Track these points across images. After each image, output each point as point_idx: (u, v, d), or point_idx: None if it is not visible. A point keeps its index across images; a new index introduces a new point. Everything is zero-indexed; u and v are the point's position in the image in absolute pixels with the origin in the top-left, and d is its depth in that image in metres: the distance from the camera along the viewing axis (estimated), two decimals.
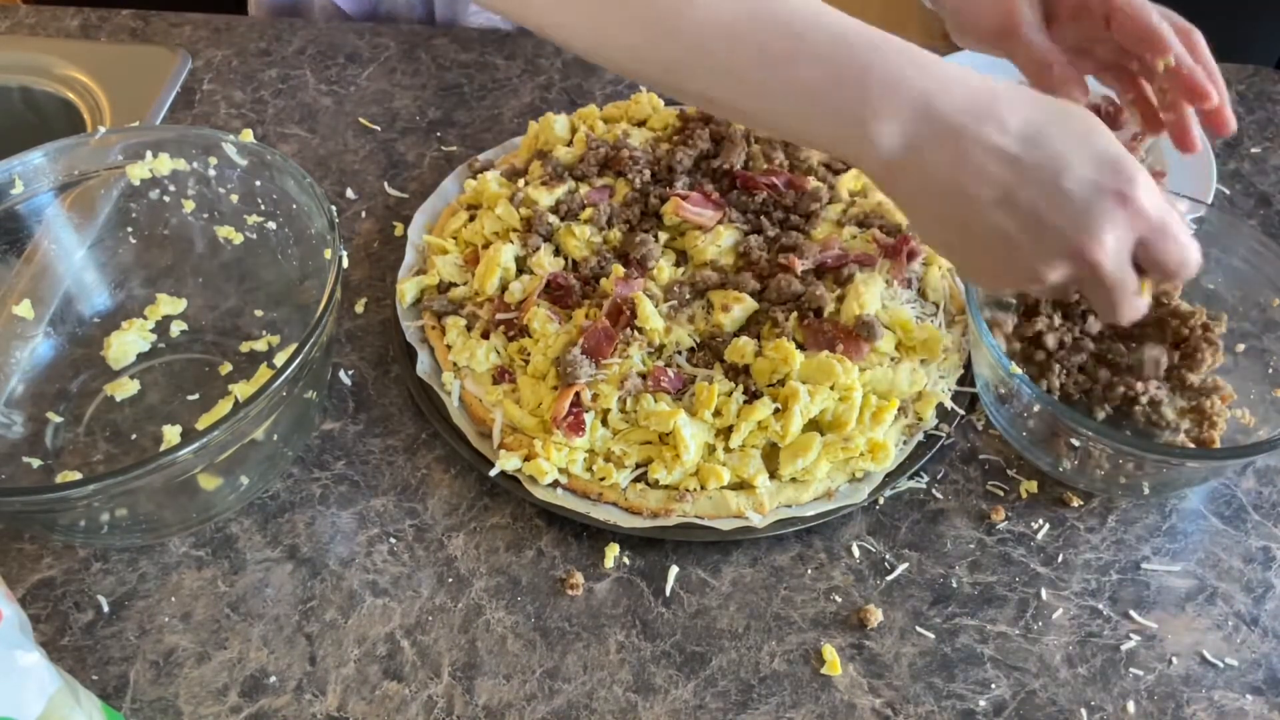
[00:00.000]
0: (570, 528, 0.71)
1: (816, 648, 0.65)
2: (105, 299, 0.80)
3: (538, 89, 1.01)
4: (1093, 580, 0.68)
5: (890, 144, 0.55)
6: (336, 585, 0.68)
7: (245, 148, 0.74)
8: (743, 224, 0.81)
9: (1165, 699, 0.64)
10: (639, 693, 0.63)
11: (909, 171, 0.55)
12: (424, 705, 0.63)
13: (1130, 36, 0.70)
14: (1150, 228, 0.55)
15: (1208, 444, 0.72)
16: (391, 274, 0.83)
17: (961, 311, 0.80)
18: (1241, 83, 1.03)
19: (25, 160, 0.73)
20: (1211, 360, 0.74)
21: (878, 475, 0.71)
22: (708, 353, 0.74)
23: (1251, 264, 0.76)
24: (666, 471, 0.69)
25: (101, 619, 0.67)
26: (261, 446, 0.66)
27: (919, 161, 0.55)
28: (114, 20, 1.08)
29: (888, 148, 0.55)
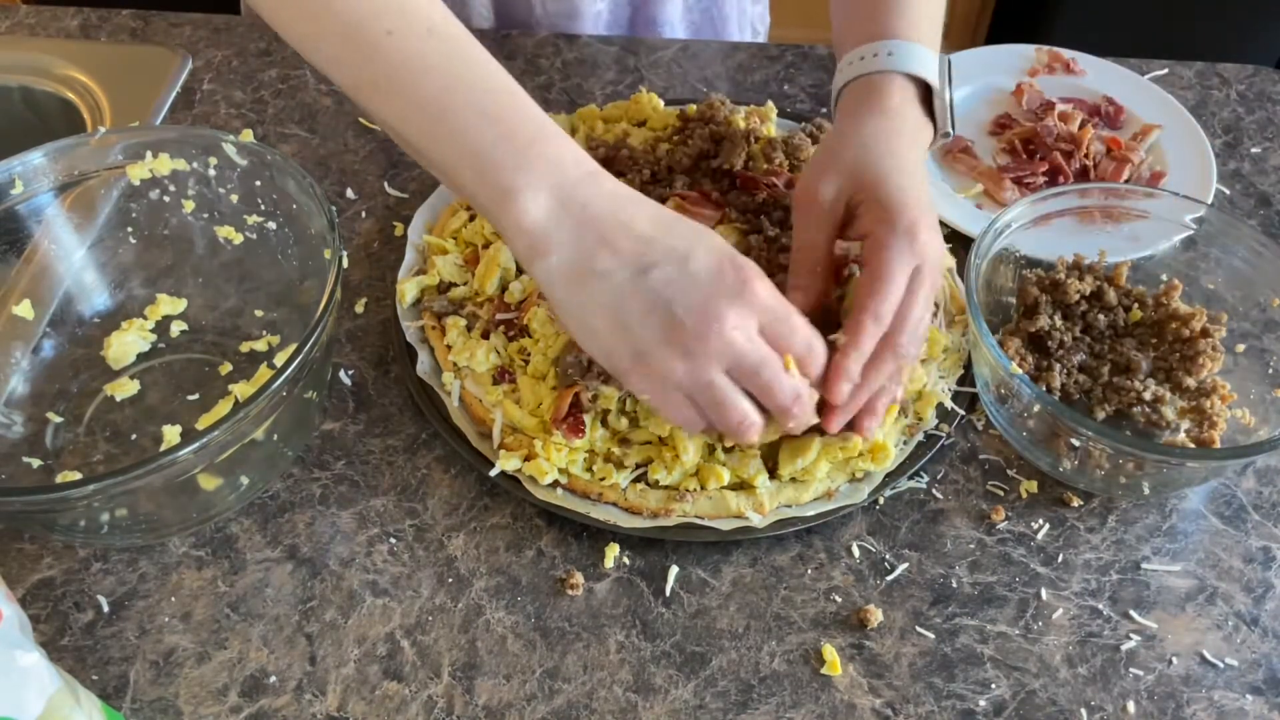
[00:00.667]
0: (570, 528, 0.71)
1: (816, 648, 0.65)
2: (105, 299, 0.80)
3: (538, 89, 1.01)
4: (1093, 580, 0.68)
5: (536, 213, 0.58)
6: (336, 585, 0.68)
7: (245, 148, 0.74)
8: (742, 224, 0.81)
9: (1165, 699, 0.64)
10: (639, 693, 0.64)
11: (549, 242, 0.58)
12: (424, 705, 0.63)
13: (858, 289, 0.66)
14: (769, 311, 0.59)
15: (1208, 444, 0.72)
16: (391, 274, 0.83)
17: (961, 311, 0.80)
18: (1241, 83, 1.03)
19: (25, 160, 0.73)
20: (1211, 364, 0.74)
21: (878, 475, 0.71)
22: None
23: (1251, 264, 0.76)
24: (666, 472, 0.69)
25: (101, 619, 0.67)
26: (261, 446, 0.66)
27: (560, 233, 0.58)
28: (114, 20, 1.08)
29: (533, 216, 0.58)
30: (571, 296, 0.60)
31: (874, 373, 0.64)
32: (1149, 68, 1.04)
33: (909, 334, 0.64)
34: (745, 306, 0.58)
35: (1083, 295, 0.78)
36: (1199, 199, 0.81)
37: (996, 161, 0.95)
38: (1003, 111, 0.99)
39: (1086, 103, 0.99)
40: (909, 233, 0.64)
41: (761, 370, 0.60)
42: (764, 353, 0.60)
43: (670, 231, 0.59)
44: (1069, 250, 0.81)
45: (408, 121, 0.60)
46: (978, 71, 1.01)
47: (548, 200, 0.58)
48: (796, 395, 0.61)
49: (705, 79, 1.02)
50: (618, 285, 0.58)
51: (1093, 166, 0.93)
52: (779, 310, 0.60)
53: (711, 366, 0.59)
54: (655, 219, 0.60)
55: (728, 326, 0.58)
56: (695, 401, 0.61)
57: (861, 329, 0.63)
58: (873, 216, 0.66)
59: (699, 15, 1.12)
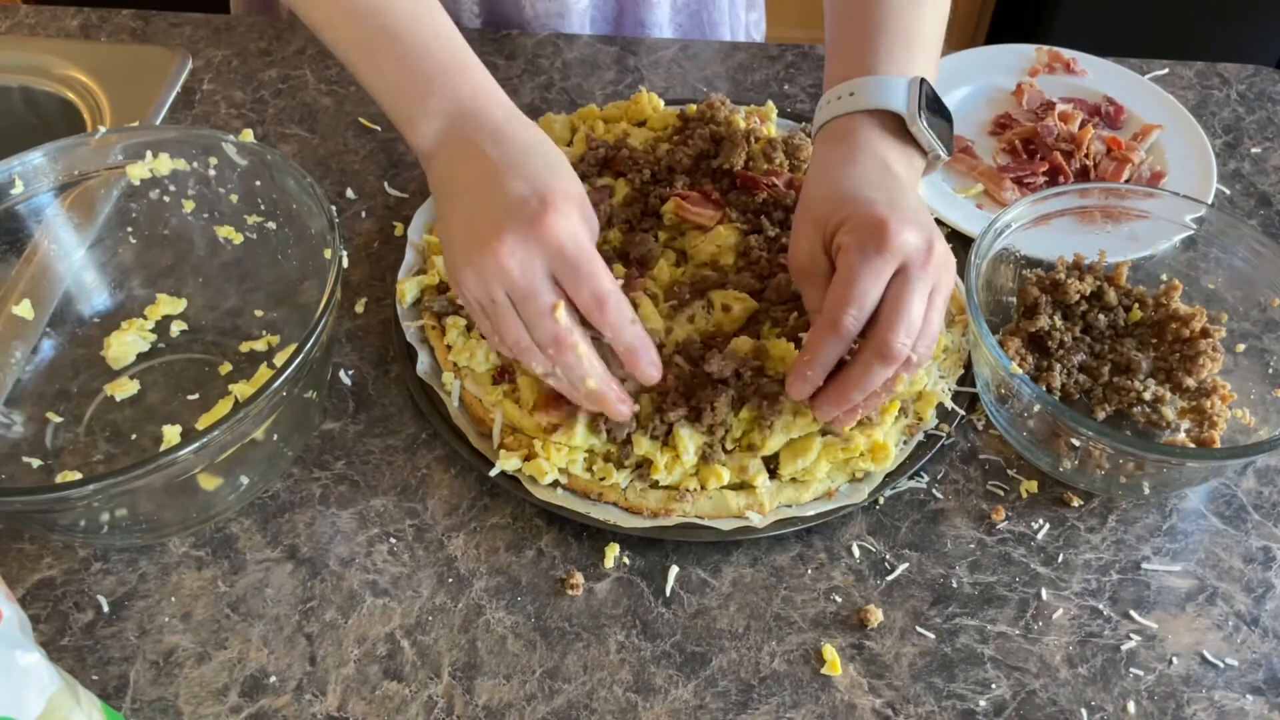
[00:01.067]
0: (570, 528, 0.71)
1: (817, 648, 0.65)
2: (105, 299, 0.80)
3: (538, 89, 1.01)
4: (1093, 580, 0.68)
5: (427, 139, 0.68)
6: (336, 585, 0.68)
7: (245, 148, 0.74)
8: (742, 224, 0.81)
9: (1165, 699, 0.64)
10: (639, 693, 0.63)
11: (435, 161, 0.68)
12: (424, 705, 0.63)
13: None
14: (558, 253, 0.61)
15: (1208, 444, 0.72)
16: (391, 274, 0.83)
17: (961, 311, 0.80)
18: (1241, 83, 1.03)
19: (25, 160, 0.73)
20: (1211, 364, 0.74)
21: (878, 475, 0.71)
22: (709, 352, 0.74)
23: (1251, 264, 0.76)
24: (666, 472, 0.69)
25: (101, 619, 0.67)
26: (261, 446, 0.66)
27: (442, 156, 0.67)
28: (114, 20, 1.08)
29: (426, 140, 0.68)
30: (439, 208, 0.67)
31: (861, 383, 0.63)
32: (1149, 68, 1.04)
33: (900, 336, 0.61)
34: (530, 239, 0.61)
35: (1083, 295, 0.78)
36: (1199, 199, 0.81)
37: (996, 161, 0.95)
38: (1003, 111, 0.99)
39: (1086, 103, 0.99)
40: (875, 234, 0.62)
41: (528, 302, 0.62)
42: (535, 287, 0.62)
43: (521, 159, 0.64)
44: (1069, 250, 0.81)
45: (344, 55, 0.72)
46: (978, 71, 1.01)
47: (438, 125, 0.68)
48: (555, 339, 0.63)
49: (705, 79, 1.02)
50: (458, 200, 0.65)
51: (1093, 166, 0.93)
52: (571, 255, 0.61)
53: (491, 284, 0.62)
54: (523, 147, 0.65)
55: (504, 251, 0.61)
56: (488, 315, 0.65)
57: (815, 333, 0.63)
58: (847, 237, 0.64)
59: (687, 19, 1.12)
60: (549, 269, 0.62)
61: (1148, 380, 0.75)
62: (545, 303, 0.62)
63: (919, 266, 0.62)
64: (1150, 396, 0.74)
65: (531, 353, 0.64)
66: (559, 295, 0.62)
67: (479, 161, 0.65)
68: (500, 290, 0.62)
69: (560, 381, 0.66)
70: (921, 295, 0.62)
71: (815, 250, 0.66)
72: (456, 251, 0.64)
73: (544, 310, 0.62)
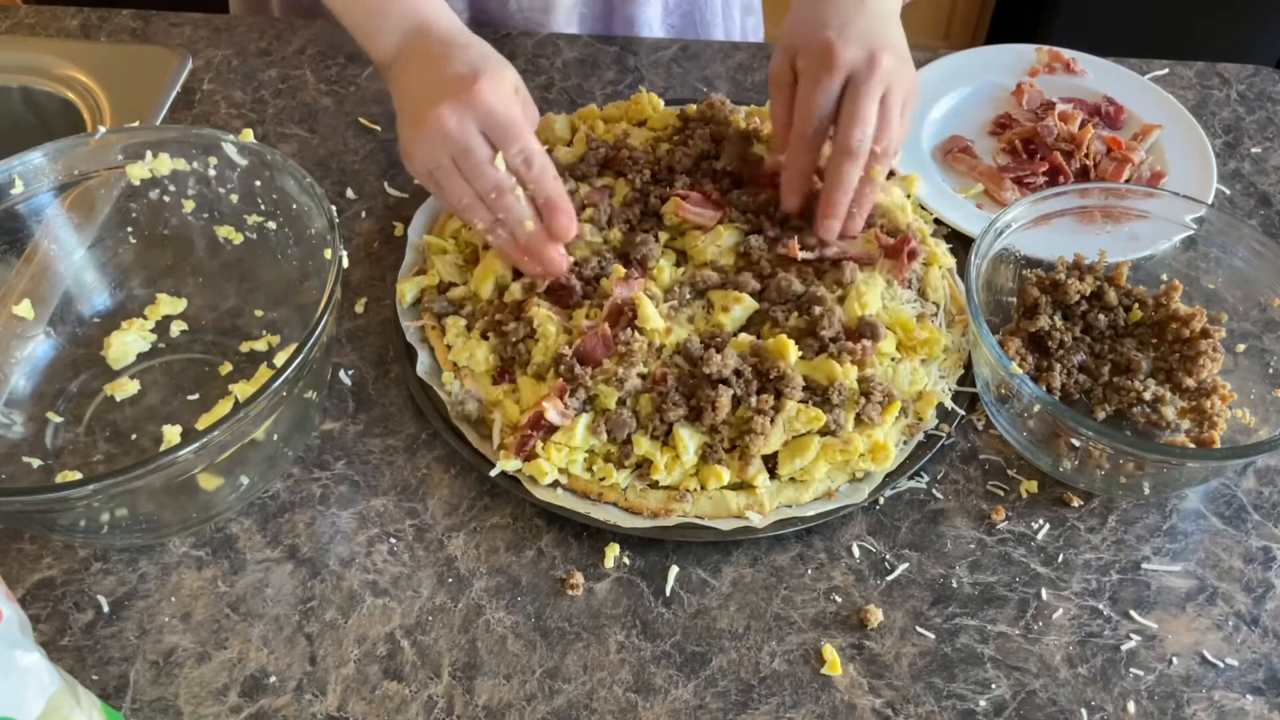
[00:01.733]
0: (570, 528, 0.71)
1: (817, 648, 0.65)
2: (105, 299, 0.80)
3: (538, 89, 1.01)
4: (1093, 580, 0.68)
5: (385, 50, 0.78)
6: (336, 585, 0.68)
7: (245, 148, 0.74)
8: (743, 224, 0.81)
9: (1165, 699, 0.64)
10: (639, 693, 0.63)
11: (392, 68, 0.78)
12: (424, 705, 0.63)
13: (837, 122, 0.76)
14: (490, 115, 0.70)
15: (1208, 444, 0.72)
16: (391, 274, 0.83)
17: (961, 311, 0.80)
18: (1241, 82, 1.03)
19: (25, 160, 0.73)
20: (1211, 365, 0.74)
21: (878, 475, 0.71)
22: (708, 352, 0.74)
23: (1251, 264, 0.76)
24: (666, 472, 0.69)
25: (101, 619, 0.66)
26: (261, 446, 0.66)
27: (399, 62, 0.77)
28: (114, 20, 1.08)
29: (385, 52, 0.78)
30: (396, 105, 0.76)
31: (836, 184, 0.74)
32: (1149, 68, 1.04)
33: (855, 134, 0.73)
34: (462, 104, 0.70)
35: (1083, 295, 0.78)
36: (1199, 199, 0.81)
37: (996, 161, 0.95)
38: (1003, 111, 0.99)
39: (1086, 103, 0.99)
40: (822, 56, 0.73)
41: (468, 156, 0.71)
42: (472, 143, 0.71)
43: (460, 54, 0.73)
44: (1069, 250, 0.81)
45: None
46: (978, 71, 1.01)
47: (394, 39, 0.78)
48: (496, 185, 0.71)
49: (705, 79, 1.02)
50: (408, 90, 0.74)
51: (1093, 166, 0.93)
52: (501, 117, 0.70)
53: (436, 149, 0.71)
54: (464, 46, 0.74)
55: (444, 115, 0.70)
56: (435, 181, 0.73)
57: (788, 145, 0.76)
58: (801, 60, 0.75)
59: (679, 19, 1.12)
60: (482, 129, 0.71)
61: (1148, 380, 0.75)
62: (483, 154, 0.71)
63: (864, 77, 0.73)
64: (1150, 396, 0.74)
65: (475, 208, 0.73)
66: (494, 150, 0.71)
67: (427, 59, 0.74)
68: (444, 153, 0.71)
69: (501, 239, 0.74)
70: (870, 99, 0.73)
71: (783, 66, 0.78)
72: (404, 129, 0.73)
73: (483, 160, 0.71)
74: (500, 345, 0.75)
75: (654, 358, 0.73)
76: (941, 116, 0.98)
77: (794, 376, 0.70)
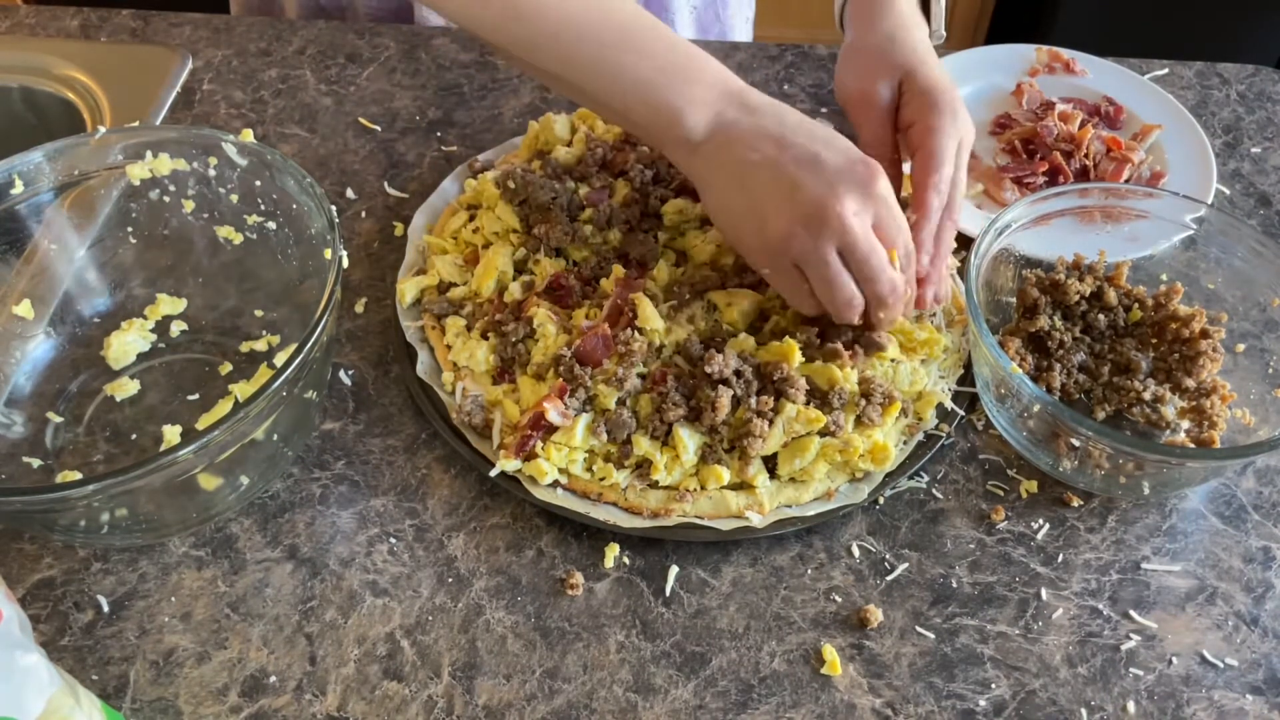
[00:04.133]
0: (570, 528, 0.71)
1: (816, 648, 0.65)
2: (105, 299, 0.80)
3: (538, 89, 1.01)
4: (1093, 580, 0.68)
5: (698, 128, 0.69)
6: (336, 585, 0.68)
7: (245, 148, 0.74)
8: None
9: (1165, 699, 0.64)
10: (639, 693, 0.64)
11: (707, 150, 0.69)
12: (424, 705, 0.63)
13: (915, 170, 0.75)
14: (888, 207, 0.67)
15: (1208, 444, 0.72)
16: (391, 274, 0.83)
17: (961, 311, 0.80)
18: (1241, 83, 1.03)
19: (25, 160, 0.73)
20: (1211, 365, 0.74)
21: (878, 475, 0.71)
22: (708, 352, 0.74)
23: (1251, 264, 0.76)
24: (666, 472, 0.69)
25: (101, 619, 0.67)
26: (261, 446, 0.66)
27: (717, 141, 0.69)
28: (114, 20, 1.08)
29: (696, 131, 0.69)
30: (715, 178, 0.69)
31: (941, 242, 0.74)
32: (1149, 68, 1.04)
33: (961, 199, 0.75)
34: (867, 197, 0.66)
35: (1082, 295, 0.78)
36: (1199, 199, 0.81)
37: (996, 161, 0.95)
38: (1003, 111, 0.99)
39: (1086, 103, 0.99)
40: (952, 112, 0.74)
41: (870, 257, 0.66)
42: (874, 242, 0.67)
43: (809, 132, 0.68)
44: (1069, 250, 0.81)
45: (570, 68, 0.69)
46: (978, 71, 1.01)
47: (708, 114, 0.69)
48: (894, 287, 0.68)
49: None
50: (755, 165, 0.67)
51: (1093, 166, 0.93)
52: (895, 208, 0.68)
53: (826, 243, 0.66)
54: (800, 122, 0.69)
55: (849, 210, 0.65)
56: (806, 276, 0.68)
57: (927, 205, 0.72)
58: (917, 104, 0.75)
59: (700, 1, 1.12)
60: (873, 223, 0.67)
61: (1148, 380, 0.75)
62: (884, 254, 0.67)
63: (969, 142, 0.75)
64: (1150, 396, 0.74)
65: (853, 301, 0.68)
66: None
67: (770, 136, 0.67)
68: (832, 248, 0.66)
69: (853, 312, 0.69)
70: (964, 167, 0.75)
71: (888, 93, 0.77)
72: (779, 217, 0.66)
73: (885, 261, 0.67)
74: (500, 345, 0.75)
75: (654, 358, 0.73)
76: None
77: (797, 379, 0.70)
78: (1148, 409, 0.74)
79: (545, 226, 0.79)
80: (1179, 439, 0.74)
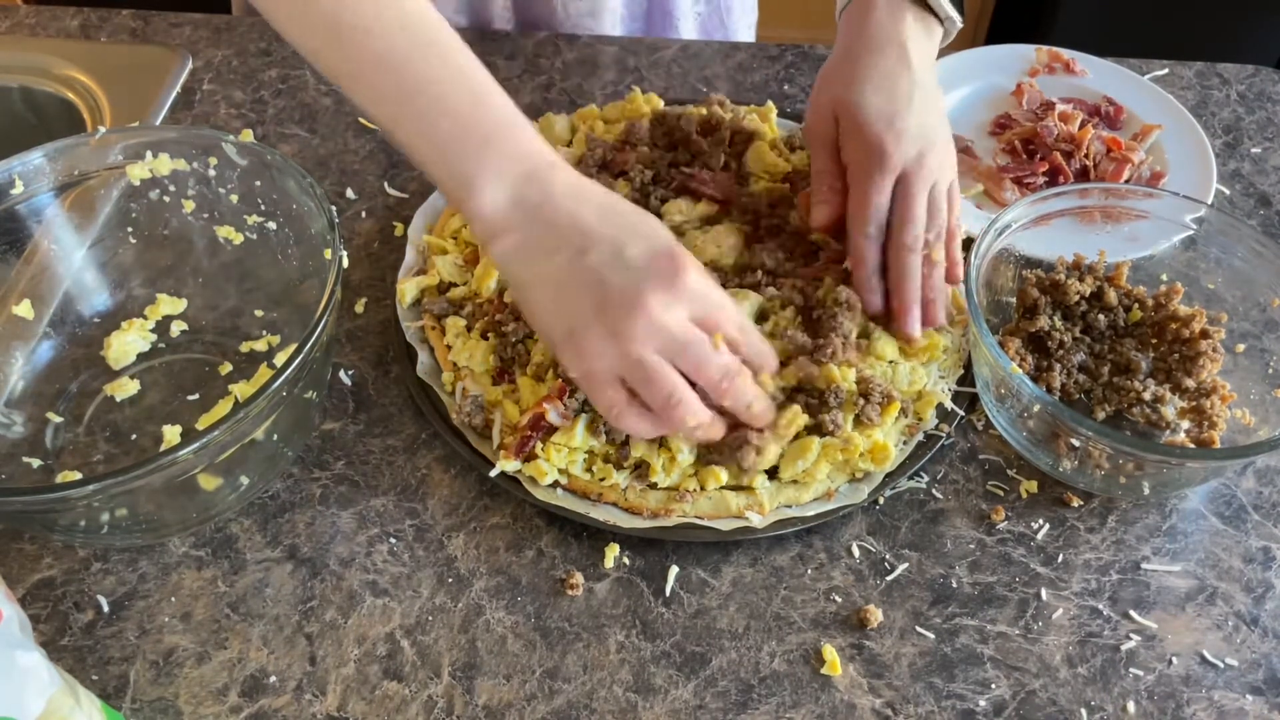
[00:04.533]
0: (570, 528, 0.71)
1: (816, 648, 0.65)
2: (105, 299, 0.80)
3: (538, 89, 1.01)
4: (1093, 580, 0.68)
5: (494, 202, 0.62)
6: (336, 585, 0.68)
7: (245, 148, 0.74)
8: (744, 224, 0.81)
9: (1165, 699, 0.64)
10: (639, 693, 0.64)
11: (505, 227, 0.63)
12: (424, 705, 0.63)
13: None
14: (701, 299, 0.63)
15: (1208, 444, 0.72)
16: (391, 274, 0.83)
17: (961, 312, 0.80)
18: (1241, 83, 1.03)
19: (25, 160, 0.73)
20: (1211, 365, 0.74)
21: (878, 475, 0.71)
22: None
23: (1251, 264, 0.76)
24: (664, 474, 0.69)
25: (101, 619, 0.67)
26: (261, 446, 0.66)
27: (513, 219, 0.63)
28: (114, 20, 1.08)
29: (490, 204, 0.62)
30: (521, 275, 0.64)
31: (902, 276, 0.73)
32: (1149, 68, 1.04)
33: (909, 233, 0.73)
34: (674, 291, 0.62)
35: (1082, 296, 0.78)
36: (1199, 199, 0.81)
37: (996, 161, 0.95)
38: (1003, 111, 0.99)
39: (1086, 103, 0.99)
40: (877, 154, 0.72)
41: (689, 349, 0.62)
42: (692, 334, 0.62)
43: (614, 221, 0.63)
44: (1069, 250, 0.81)
45: (380, 109, 0.64)
46: (978, 71, 1.01)
47: (505, 190, 0.62)
48: (726, 371, 0.64)
49: (705, 79, 1.02)
50: (559, 266, 0.62)
51: (1093, 166, 0.93)
52: (711, 298, 0.64)
53: (638, 345, 0.61)
54: (602, 208, 0.63)
55: (655, 308, 0.61)
56: (625, 382, 0.63)
57: (853, 245, 0.74)
58: (851, 144, 0.74)
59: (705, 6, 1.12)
60: (689, 315, 0.63)
61: (1147, 380, 0.75)
62: (708, 342, 0.63)
63: (915, 174, 0.73)
64: (1150, 396, 0.74)
65: (687, 403, 0.63)
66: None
67: (571, 228, 0.62)
68: (651, 350, 0.61)
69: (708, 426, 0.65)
70: (920, 196, 0.73)
71: (827, 127, 0.76)
72: (589, 323, 0.62)
73: (709, 349, 0.63)
74: (500, 345, 0.75)
75: None
76: None
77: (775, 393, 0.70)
78: (1148, 409, 0.74)
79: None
80: (1179, 439, 0.74)
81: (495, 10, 1.06)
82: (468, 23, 1.07)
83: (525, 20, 1.07)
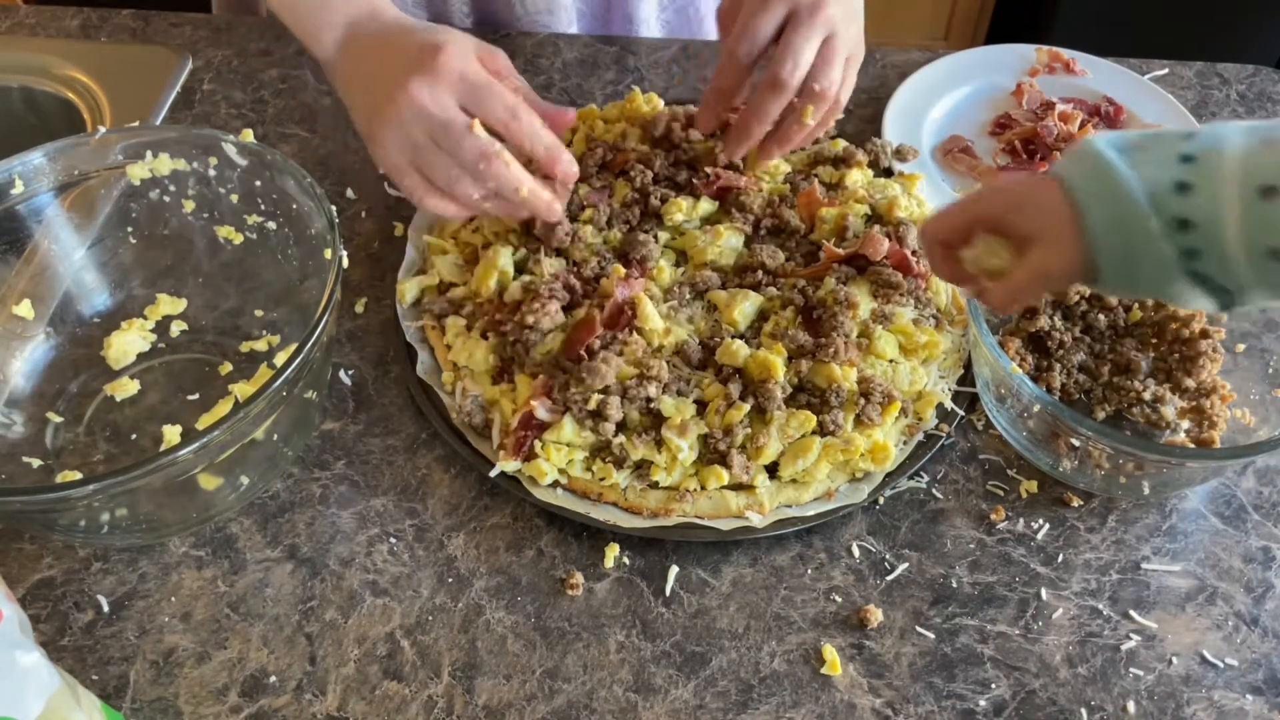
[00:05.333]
0: (570, 528, 0.71)
1: (816, 648, 0.65)
2: (105, 299, 0.80)
3: (538, 89, 1.01)
4: (1093, 580, 0.68)
5: (329, 47, 0.75)
6: (336, 585, 0.68)
7: (245, 148, 0.74)
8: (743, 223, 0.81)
9: (1165, 699, 0.64)
10: (639, 693, 0.64)
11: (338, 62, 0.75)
12: (424, 705, 0.63)
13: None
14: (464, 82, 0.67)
15: (1208, 444, 0.72)
16: (391, 274, 0.83)
17: (961, 312, 0.80)
18: (1241, 83, 1.03)
19: (25, 160, 0.73)
20: (1211, 365, 0.74)
21: (878, 475, 0.71)
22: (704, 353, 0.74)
23: None
24: (666, 473, 0.69)
25: (101, 619, 0.67)
26: (261, 446, 0.66)
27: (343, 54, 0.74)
28: (114, 20, 1.08)
29: (328, 49, 0.75)
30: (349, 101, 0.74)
31: (757, 112, 0.75)
32: (1149, 68, 1.04)
33: (786, 67, 0.72)
34: (433, 76, 0.67)
35: (1082, 295, 0.78)
36: None
37: (996, 161, 0.95)
38: (1003, 111, 0.99)
39: (1086, 103, 0.99)
40: None
41: (448, 129, 0.67)
42: (450, 115, 0.67)
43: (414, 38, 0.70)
44: None
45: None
46: (978, 71, 1.01)
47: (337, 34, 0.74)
48: (481, 153, 0.68)
49: (705, 79, 1.02)
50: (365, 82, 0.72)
51: None
52: (474, 80, 0.68)
53: (410, 129, 0.68)
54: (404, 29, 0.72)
55: (413, 92, 0.66)
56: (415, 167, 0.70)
57: (720, 64, 0.76)
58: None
59: (673, 15, 1.12)
60: (456, 98, 0.67)
61: (1147, 380, 0.75)
62: (463, 123, 0.67)
63: (806, 14, 0.73)
64: (1150, 396, 0.74)
65: (462, 180, 0.69)
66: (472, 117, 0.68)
67: (380, 44, 0.72)
68: (419, 131, 0.67)
69: (496, 203, 0.71)
70: (809, 38, 0.73)
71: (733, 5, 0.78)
72: (371, 116, 0.70)
73: (463, 130, 0.67)
74: (500, 345, 0.75)
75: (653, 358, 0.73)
76: (941, 116, 0.98)
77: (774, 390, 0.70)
78: (1148, 409, 0.74)
79: (545, 226, 0.79)
80: (1179, 439, 0.74)
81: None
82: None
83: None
